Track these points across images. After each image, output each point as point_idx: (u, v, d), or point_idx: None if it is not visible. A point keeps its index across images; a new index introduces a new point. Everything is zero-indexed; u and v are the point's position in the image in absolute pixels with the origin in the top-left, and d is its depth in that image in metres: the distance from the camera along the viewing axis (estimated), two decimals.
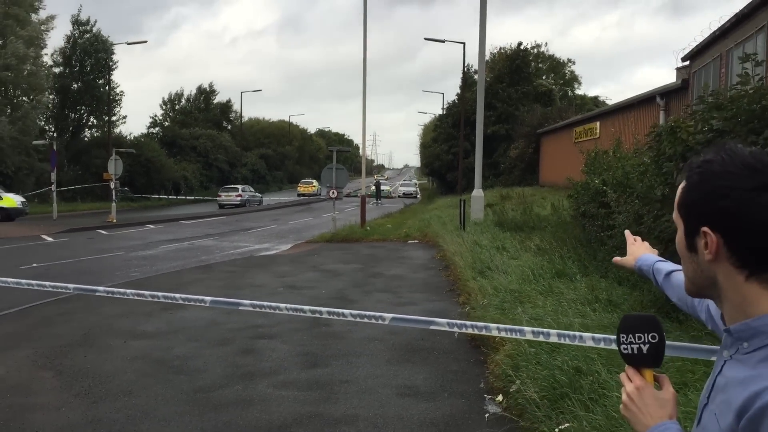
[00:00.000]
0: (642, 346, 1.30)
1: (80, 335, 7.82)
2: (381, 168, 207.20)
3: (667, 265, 1.87)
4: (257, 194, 45.33)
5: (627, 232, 2.22)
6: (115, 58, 45.55)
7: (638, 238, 2.12)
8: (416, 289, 10.90)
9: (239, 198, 41.24)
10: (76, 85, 44.34)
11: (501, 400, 5.30)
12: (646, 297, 6.63)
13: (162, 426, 5.00)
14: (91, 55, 44.45)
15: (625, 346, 1.32)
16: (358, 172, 47.14)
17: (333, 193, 21.49)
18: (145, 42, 50.77)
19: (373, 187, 48.37)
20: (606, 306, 6.73)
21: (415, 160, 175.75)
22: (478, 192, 19.69)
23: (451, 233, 16.19)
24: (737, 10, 14.52)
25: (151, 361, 6.71)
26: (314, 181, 58.45)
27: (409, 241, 18.72)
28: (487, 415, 5.13)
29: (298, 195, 56.12)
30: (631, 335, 1.31)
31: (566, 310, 6.62)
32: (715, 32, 16.03)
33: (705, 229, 1.16)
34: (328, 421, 5.07)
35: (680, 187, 1.24)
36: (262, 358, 6.84)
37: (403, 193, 60.13)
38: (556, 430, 4.13)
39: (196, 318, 8.61)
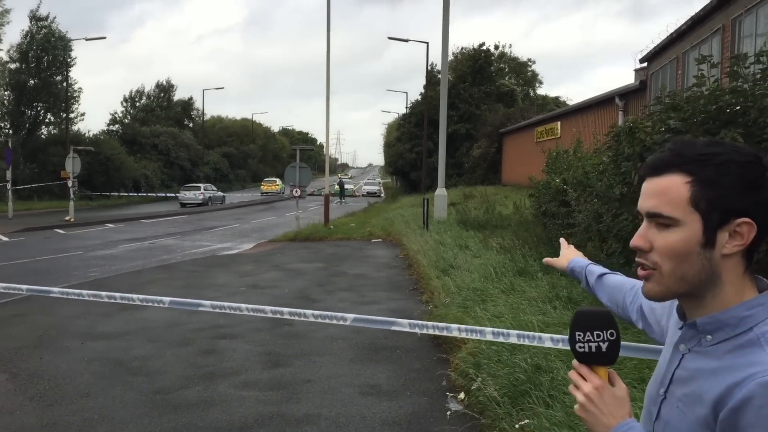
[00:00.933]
0: (601, 344, 1.23)
1: (35, 337, 7.64)
2: (345, 167, 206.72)
3: (598, 268, 2.00)
4: (219, 193, 44.86)
5: (562, 240, 2.37)
6: (73, 54, 44.64)
7: (571, 246, 2.28)
8: (379, 287, 10.90)
9: (201, 196, 40.76)
10: (32, 82, 43.22)
11: (463, 397, 5.32)
12: None
13: (120, 429, 4.91)
14: (48, 51, 43.45)
15: (582, 345, 1.24)
16: (322, 171, 47.00)
17: (296, 191, 21.38)
18: (104, 38, 49.87)
19: (337, 186, 48.23)
20: (566, 303, 6.81)
21: (379, 159, 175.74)
22: (441, 191, 19.79)
23: (414, 232, 16.25)
24: (693, 13, 14.84)
25: (109, 363, 6.59)
26: (278, 179, 58.12)
27: (373, 240, 18.72)
28: (448, 412, 5.15)
29: (262, 194, 55.74)
30: (588, 333, 1.24)
31: (527, 308, 6.69)
32: (672, 35, 16.37)
33: (745, 219, 1.14)
34: (289, 421, 5.04)
35: (679, 182, 1.18)
36: (224, 358, 6.77)
37: (367, 192, 60.02)
38: (516, 426, 4.17)
39: (156, 318, 8.48)
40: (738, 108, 5.58)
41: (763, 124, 5.04)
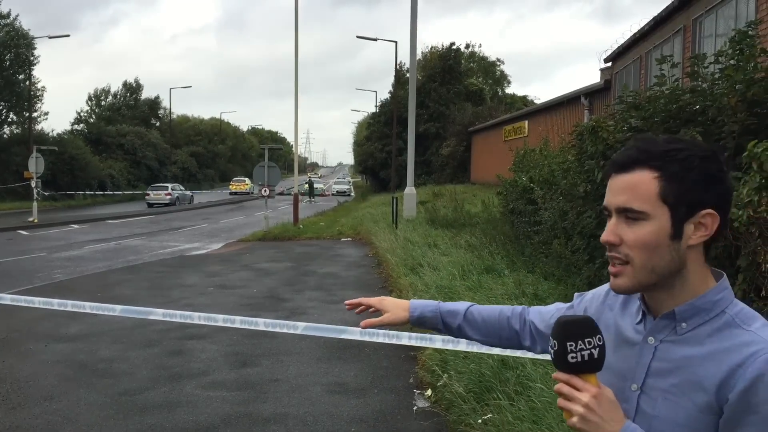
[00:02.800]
0: (593, 351, 1.17)
1: None
2: (315, 166, 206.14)
3: (455, 305, 1.76)
4: (187, 192, 44.41)
5: (357, 301, 1.89)
6: (37, 53, 43.79)
7: (383, 296, 1.88)
8: (348, 286, 10.91)
9: (169, 196, 40.26)
10: None
11: (429, 394, 5.37)
12: (570, 291, 6.82)
13: (84, 431, 4.86)
14: (10, 48, 42.59)
15: (574, 355, 1.17)
16: (291, 170, 46.79)
17: (265, 191, 21.29)
18: (68, 36, 49.03)
19: (306, 185, 48.09)
20: (532, 300, 6.90)
21: (349, 158, 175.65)
22: (410, 190, 19.86)
23: (383, 230, 16.28)
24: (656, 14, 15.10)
25: (73, 365, 6.51)
26: (247, 179, 57.70)
27: (342, 239, 18.72)
28: (415, 408, 5.19)
29: (231, 193, 55.36)
30: (580, 341, 1.17)
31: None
32: (635, 35, 16.61)
33: (709, 211, 1.20)
34: (256, 420, 5.03)
35: (647, 177, 1.22)
36: (191, 358, 6.72)
37: (337, 191, 59.88)
38: (480, 420, 4.22)
39: (122, 319, 8.36)
40: (697, 107, 5.71)
41: (722, 123, 5.15)
